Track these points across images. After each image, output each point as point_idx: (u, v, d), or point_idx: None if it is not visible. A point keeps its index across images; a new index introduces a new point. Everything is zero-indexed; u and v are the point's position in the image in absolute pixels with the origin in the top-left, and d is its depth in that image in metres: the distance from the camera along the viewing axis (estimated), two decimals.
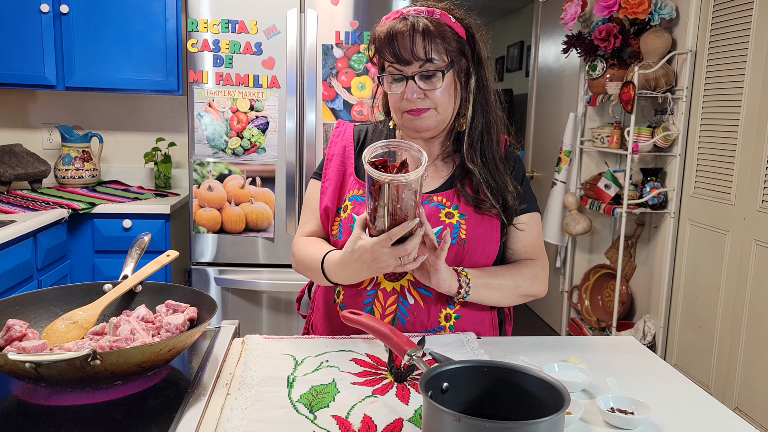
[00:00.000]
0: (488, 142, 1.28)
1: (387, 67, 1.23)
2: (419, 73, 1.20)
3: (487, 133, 1.28)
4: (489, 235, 1.27)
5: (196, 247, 2.68)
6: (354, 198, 1.30)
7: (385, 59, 1.23)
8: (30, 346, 0.96)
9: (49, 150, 3.23)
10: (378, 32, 1.23)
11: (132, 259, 1.26)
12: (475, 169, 1.26)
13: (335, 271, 1.21)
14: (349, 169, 1.34)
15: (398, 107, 1.25)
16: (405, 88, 1.21)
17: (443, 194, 1.29)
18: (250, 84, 2.60)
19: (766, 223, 2.41)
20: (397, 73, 1.21)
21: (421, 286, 1.26)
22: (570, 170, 3.49)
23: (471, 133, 1.28)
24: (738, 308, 2.56)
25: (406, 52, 1.19)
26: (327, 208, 1.32)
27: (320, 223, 1.36)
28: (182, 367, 1.08)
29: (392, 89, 1.24)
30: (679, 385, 1.09)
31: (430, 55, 1.19)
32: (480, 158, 1.27)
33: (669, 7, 2.88)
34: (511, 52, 6.43)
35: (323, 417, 0.93)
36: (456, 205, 1.27)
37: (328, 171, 1.35)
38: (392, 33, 1.19)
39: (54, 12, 2.77)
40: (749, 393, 2.50)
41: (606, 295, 3.44)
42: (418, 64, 1.20)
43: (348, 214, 1.29)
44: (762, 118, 2.43)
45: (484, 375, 0.87)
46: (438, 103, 1.23)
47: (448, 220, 1.26)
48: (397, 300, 1.26)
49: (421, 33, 1.18)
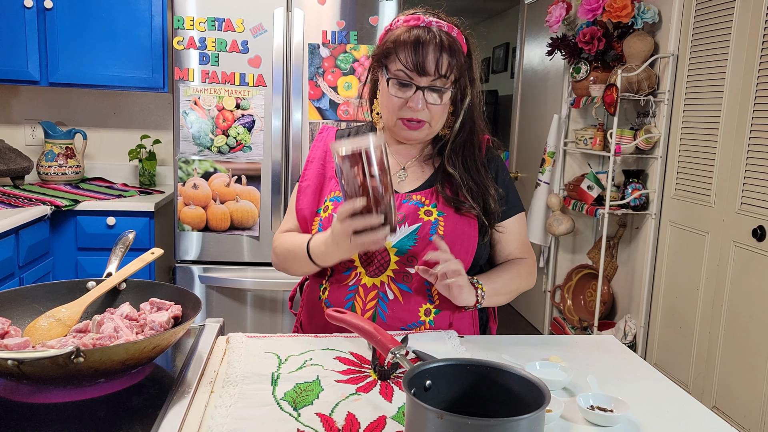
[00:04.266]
0: (470, 148, 1.31)
1: (396, 70, 1.23)
2: (430, 86, 1.22)
3: (470, 141, 1.31)
4: (467, 232, 1.29)
5: (181, 245, 2.67)
6: (335, 199, 1.31)
7: (400, 62, 1.22)
8: (12, 344, 0.96)
9: (31, 146, 3.19)
10: (401, 36, 1.22)
11: (116, 256, 1.26)
12: (456, 173, 1.29)
13: (318, 248, 1.24)
14: (329, 172, 1.36)
15: (397, 113, 1.26)
16: (412, 96, 1.22)
17: (422, 193, 1.31)
18: (236, 82, 2.59)
19: (744, 225, 2.45)
20: (408, 81, 1.22)
21: (401, 281, 1.28)
22: (554, 171, 3.53)
23: (454, 140, 1.31)
24: (716, 308, 2.61)
25: (429, 64, 1.20)
26: (304, 209, 1.34)
27: (297, 224, 1.38)
28: (166, 365, 1.08)
29: (397, 93, 1.24)
30: (658, 384, 1.12)
31: (447, 72, 1.21)
32: (461, 163, 1.30)
33: (652, 12, 2.92)
34: (497, 53, 6.47)
35: (307, 414, 0.93)
36: (435, 203, 1.30)
37: (307, 172, 1.38)
38: (419, 41, 1.20)
39: (38, 7, 2.75)
40: (727, 392, 2.54)
41: (588, 295, 3.47)
42: (432, 78, 1.21)
43: (329, 214, 1.30)
44: (741, 122, 2.47)
45: (466, 373, 0.88)
46: (434, 117, 1.25)
47: (427, 218, 1.28)
48: (377, 295, 1.28)
49: (447, 49, 1.20)
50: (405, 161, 1.36)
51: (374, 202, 1.09)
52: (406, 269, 1.28)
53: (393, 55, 1.23)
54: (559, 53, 3.31)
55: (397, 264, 1.27)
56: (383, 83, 1.26)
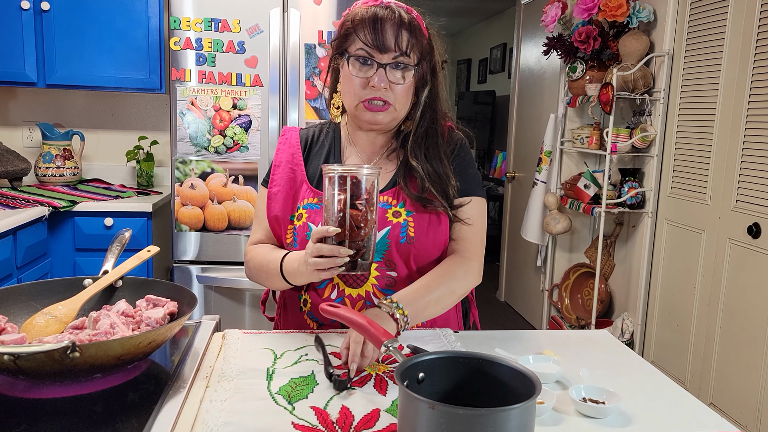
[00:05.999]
0: (432, 137, 1.29)
1: (357, 50, 1.21)
2: (392, 63, 1.20)
3: (432, 130, 1.29)
4: (438, 229, 1.27)
5: (179, 245, 2.67)
6: (309, 206, 1.28)
7: (361, 41, 1.20)
8: (9, 340, 0.97)
9: (29, 148, 3.20)
10: (358, 14, 1.21)
11: (112, 254, 1.26)
12: (419, 165, 1.25)
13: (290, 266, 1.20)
14: (299, 176, 1.32)
15: (359, 94, 1.22)
16: (374, 74, 1.20)
17: (388, 193, 1.27)
18: (232, 82, 2.60)
19: (739, 222, 2.46)
20: (369, 58, 1.20)
21: (385, 287, 1.26)
22: (550, 170, 3.54)
23: (416, 131, 1.28)
24: (713, 306, 2.62)
25: (388, 39, 1.19)
26: (277, 216, 1.31)
27: (269, 232, 1.34)
28: (162, 361, 1.09)
29: (358, 73, 1.21)
30: (649, 377, 1.13)
31: (408, 49, 1.20)
32: (423, 154, 1.27)
33: (647, 11, 2.93)
34: (494, 54, 6.49)
35: (302, 408, 0.94)
36: (402, 203, 1.26)
37: (275, 177, 1.33)
38: (377, 17, 1.19)
39: (35, 9, 2.75)
40: (724, 389, 2.55)
41: (586, 294, 3.48)
42: (393, 54, 1.20)
43: (303, 223, 1.27)
44: (736, 120, 2.48)
45: (459, 365, 0.89)
46: (398, 99, 1.23)
47: (396, 220, 1.25)
48: (364, 305, 1.26)
49: (406, 25, 1.20)
50: (369, 158, 1.32)
51: (349, 234, 1.07)
52: (387, 273, 1.26)
53: (352, 35, 1.21)
54: (555, 53, 3.32)
55: (378, 270, 1.25)
56: (345, 69, 1.23)
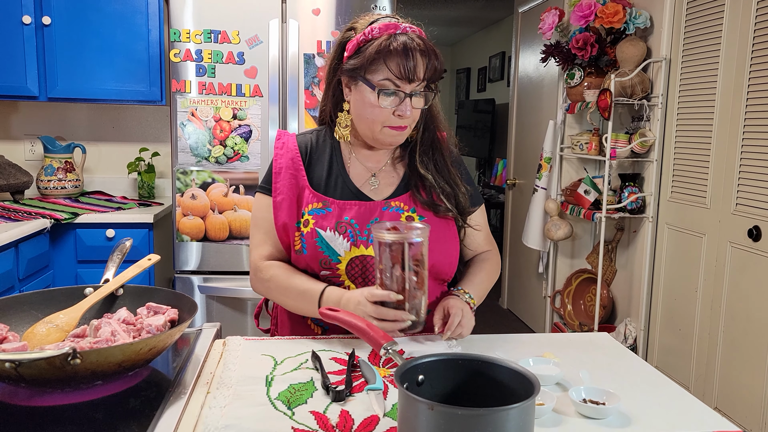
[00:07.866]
0: (438, 147, 1.34)
1: (382, 80, 1.21)
2: (417, 92, 1.23)
3: (437, 140, 1.35)
4: (449, 235, 1.32)
5: (180, 255, 2.68)
6: (315, 212, 1.29)
7: (391, 72, 1.20)
8: (10, 348, 0.97)
9: (31, 161, 3.22)
10: (390, 45, 1.19)
11: (113, 263, 1.27)
12: (429, 175, 1.31)
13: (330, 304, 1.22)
14: (301, 181, 1.32)
15: (381, 120, 1.24)
16: (399, 104, 1.22)
17: (400, 198, 1.31)
18: (232, 93, 2.62)
19: (740, 226, 2.46)
20: (395, 89, 1.22)
21: None
22: (551, 177, 3.55)
23: (422, 141, 1.33)
24: (715, 309, 2.61)
25: (419, 71, 1.21)
26: (285, 223, 1.30)
27: (277, 243, 1.33)
28: (164, 368, 1.09)
29: (383, 103, 1.22)
30: (649, 377, 1.13)
31: (434, 76, 1.23)
32: (433, 164, 1.32)
33: (644, 17, 2.95)
34: (493, 62, 6.51)
35: (301, 413, 0.94)
36: (414, 207, 1.31)
37: (278, 185, 1.32)
38: (408, 48, 1.19)
39: (36, 23, 2.78)
40: (728, 393, 2.54)
41: (588, 300, 3.48)
42: (417, 83, 1.22)
43: (311, 229, 1.27)
44: (734, 123, 2.49)
45: (458, 367, 0.89)
46: (414, 119, 1.27)
47: None
48: None
49: (430, 53, 1.22)
50: (375, 167, 1.35)
51: (408, 297, 1.14)
52: None
53: (378, 65, 1.20)
54: (552, 60, 3.33)
55: None
56: (362, 94, 1.24)
